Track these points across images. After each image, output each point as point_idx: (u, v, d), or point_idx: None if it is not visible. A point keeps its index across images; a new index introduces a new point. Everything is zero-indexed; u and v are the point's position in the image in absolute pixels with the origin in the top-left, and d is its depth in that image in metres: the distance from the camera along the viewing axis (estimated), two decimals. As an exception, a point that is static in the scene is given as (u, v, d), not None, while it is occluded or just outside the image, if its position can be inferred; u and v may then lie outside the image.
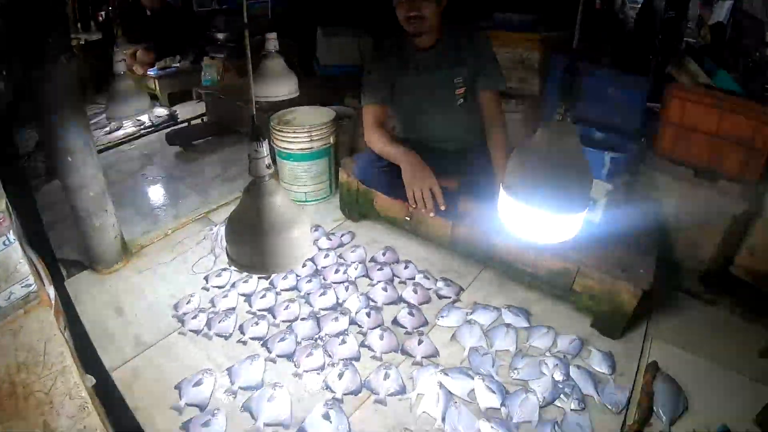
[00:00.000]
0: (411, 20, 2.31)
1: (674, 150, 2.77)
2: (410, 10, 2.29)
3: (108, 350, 2.19)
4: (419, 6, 2.28)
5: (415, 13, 2.29)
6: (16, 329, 1.68)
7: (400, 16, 2.33)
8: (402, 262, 2.73)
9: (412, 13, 2.29)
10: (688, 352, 2.24)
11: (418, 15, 2.29)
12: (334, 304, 2.43)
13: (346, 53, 4.31)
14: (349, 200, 3.08)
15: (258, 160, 1.12)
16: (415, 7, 2.28)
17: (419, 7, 2.28)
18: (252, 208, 1.16)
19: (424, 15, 2.30)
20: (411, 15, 2.30)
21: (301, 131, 3.07)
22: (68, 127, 2.30)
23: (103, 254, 2.64)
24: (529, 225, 1.22)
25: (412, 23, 2.33)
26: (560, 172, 1.14)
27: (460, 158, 2.60)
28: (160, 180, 3.87)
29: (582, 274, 2.29)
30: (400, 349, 2.20)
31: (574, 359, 2.17)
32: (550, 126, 1.15)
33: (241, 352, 2.18)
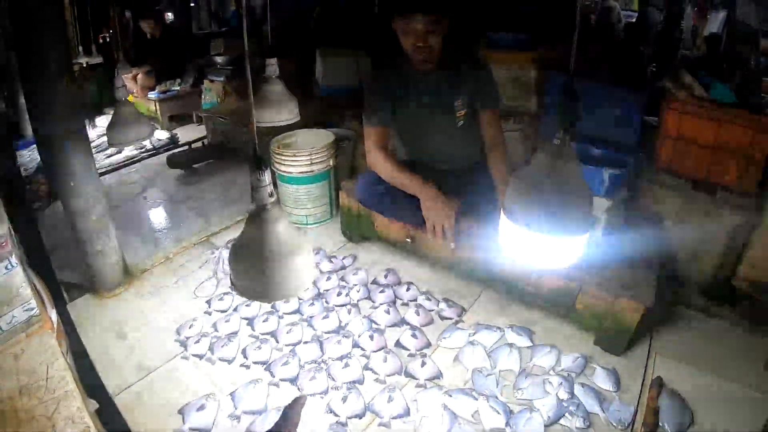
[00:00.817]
0: (419, 50, 2.33)
1: (672, 163, 2.77)
2: (418, 41, 2.30)
3: (110, 375, 2.19)
4: (427, 38, 2.30)
5: (423, 44, 2.31)
6: (18, 353, 1.67)
7: (407, 45, 2.35)
8: (404, 283, 2.73)
9: (420, 43, 2.31)
10: (692, 367, 2.23)
11: (426, 46, 2.31)
12: (337, 327, 2.42)
13: (345, 74, 4.32)
14: (350, 222, 3.08)
15: (261, 189, 1.13)
16: (423, 40, 2.30)
17: (427, 39, 2.30)
18: (255, 237, 1.16)
19: (432, 45, 2.32)
20: (419, 46, 2.31)
21: (301, 155, 3.09)
22: (70, 150, 2.31)
23: (105, 278, 2.64)
24: (530, 250, 1.22)
25: (421, 53, 2.35)
26: (560, 196, 1.14)
27: (461, 178, 2.61)
28: (162, 203, 3.88)
29: (584, 293, 2.29)
30: (404, 371, 2.19)
31: (579, 377, 2.16)
32: (549, 149, 1.15)
33: (245, 377, 2.17)
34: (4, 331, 1.68)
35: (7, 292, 1.66)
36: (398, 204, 2.54)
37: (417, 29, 2.28)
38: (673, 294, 2.61)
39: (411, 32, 2.30)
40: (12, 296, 1.68)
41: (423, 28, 2.27)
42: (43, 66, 2.14)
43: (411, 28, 2.29)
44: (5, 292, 1.66)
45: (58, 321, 1.98)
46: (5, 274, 1.64)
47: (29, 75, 2.18)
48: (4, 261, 1.63)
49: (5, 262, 1.63)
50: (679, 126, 2.70)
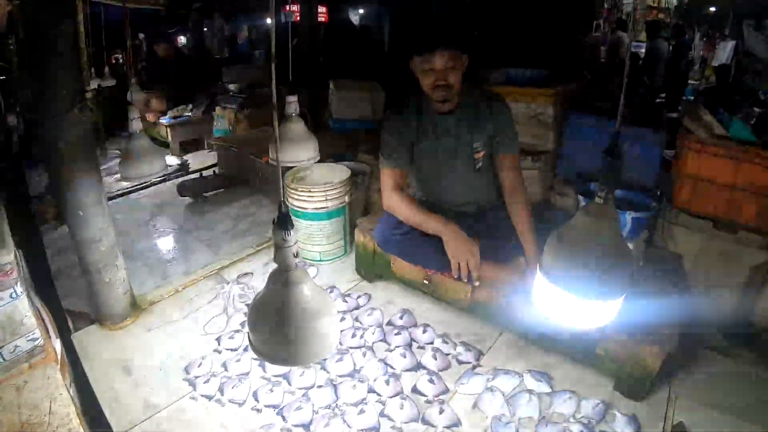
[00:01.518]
0: (439, 89, 2.31)
1: (692, 202, 2.75)
2: (438, 80, 2.29)
3: (115, 412, 2.13)
4: (446, 76, 2.28)
5: (443, 82, 2.29)
6: (21, 385, 1.64)
7: (426, 84, 2.33)
8: (420, 325, 2.67)
9: (440, 83, 2.29)
10: (714, 410, 2.18)
11: (446, 84, 2.29)
12: (352, 371, 2.37)
13: (359, 107, 4.31)
14: (365, 260, 3.04)
15: (285, 249, 1.09)
16: (442, 77, 2.28)
17: (446, 77, 2.28)
18: (278, 299, 1.13)
19: (451, 83, 2.30)
20: (439, 84, 2.29)
21: (316, 190, 3.05)
22: (80, 180, 2.29)
23: (112, 309, 2.61)
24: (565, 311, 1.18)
25: (440, 92, 2.32)
26: (602, 260, 1.11)
27: (478, 221, 2.57)
28: (171, 232, 3.86)
29: (604, 338, 2.24)
30: (421, 418, 2.13)
31: (599, 424, 2.10)
32: (590, 208, 1.12)
33: (256, 421, 2.11)
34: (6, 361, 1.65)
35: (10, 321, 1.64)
36: (420, 248, 2.49)
37: (436, 67, 2.26)
38: (693, 335, 2.54)
39: (430, 70, 2.29)
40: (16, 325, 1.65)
41: (442, 66, 2.25)
42: (56, 96, 2.14)
43: (430, 66, 2.27)
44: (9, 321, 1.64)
45: (62, 352, 1.95)
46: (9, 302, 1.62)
47: (41, 104, 2.17)
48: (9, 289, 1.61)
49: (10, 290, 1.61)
50: (698, 165, 2.68)
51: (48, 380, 1.67)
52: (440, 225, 2.38)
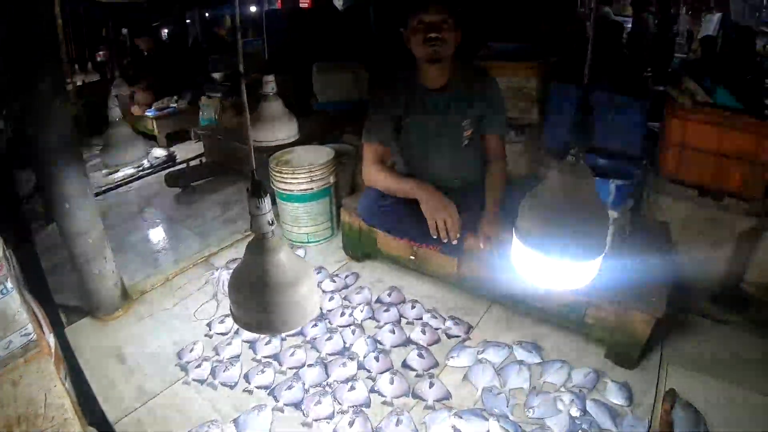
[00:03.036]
0: (430, 42, 2.27)
1: (677, 171, 2.75)
2: (430, 32, 2.25)
3: (110, 401, 2.14)
4: (439, 29, 2.25)
5: (435, 34, 2.25)
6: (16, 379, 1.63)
7: (417, 41, 2.30)
8: (408, 301, 2.68)
9: (432, 34, 2.25)
10: (705, 376, 2.19)
11: (438, 37, 2.26)
12: (342, 349, 2.37)
13: (343, 89, 4.30)
14: (352, 240, 3.04)
15: (260, 217, 1.09)
16: (435, 28, 2.25)
17: (440, 29, 2.25)
18: (256, 266, 1.12)
19: (444, 38, 2.27)
20: (431, 36, 2.26)
21: (301, 172, 3.04)
22: (64, 172, 2.28)
23: (103, 301, 2.60)
24: (543, 272, 1.18)
25: (432, 46, 2.28)
26: (577, 219, 1.10)
27: (464, 195, 2.54)
28: (160, 223, 3.85)
29: (593, 306, 2.24)
30: (411, 393, 2.14)
31: (591, 393, 2.12)
32: (562, 167, 1.11)
33: (248, 402, 2.12)
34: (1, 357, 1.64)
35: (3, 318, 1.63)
36: (404, 221, 2.47)
37: (429, 19, 2.24)
38: (682, 302, 2.56)
39: (422, 26, 2.26)
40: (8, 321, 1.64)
41: (436, 20, 2.23)
42: (36, 87, 2.12)
43: (423, 20, 2.25)
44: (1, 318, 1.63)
45: (56, 346, 1.95)
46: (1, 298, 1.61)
47: (22, 96, 2.15)
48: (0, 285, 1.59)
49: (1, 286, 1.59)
50: (683, 133, 2.68)
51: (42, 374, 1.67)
52: (415, 186, 2.38)
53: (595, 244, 1.13)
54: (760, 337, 2.42)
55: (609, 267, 2.12)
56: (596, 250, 1.13)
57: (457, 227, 2.28)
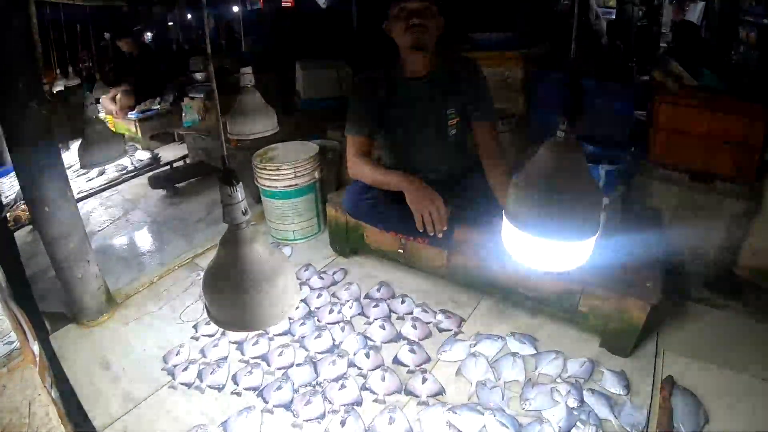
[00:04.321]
0: (414, 30, 2.24)
1: (667, 155, 2.74)
2: (413, 19, 2.22)
3: (96, 408, 2.10)
4: (422, 16, 2.22)
5: (418, 21, 2.22)
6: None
7: (400, 28, 2.27)
8: (398, 296, 2.64)
9: (415, 21, 2.22)
10: (702, 362, 2.18)
11: (420, 23, 2.22)
12: (331, 347, 2.33)
13: (326, 85, 4.28)
14: (339, 235, 3.00)
15: (233, 206, 1.04)
16: (417, 17, 2.22)
17: (422, 17, 2.22)
18: (230, 260, 1.07)
19: (427, 26, 2.24)
20: (414, 23, 2.22)
21: (285, 168, 3.00)
22: (43, 175, 2.24)
23: (87, 306, 2.55)
24: (536, 254, 1.13)
25: (415, 33, 2.24)
26: (568, 196, 1.06)
27: (449, 185, 2.51)
28: (144, 225, 3.81)
29: (587, 294, 2.21)
30: (404, 389, 2.10)
31: (587, 383, 2.09)
32: (551, 144, 1.06)
33: (236, 404, 2.07)
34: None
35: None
36: (388, 213, 2.44)
37: (412, 6, 2.21)
38: (676, 288, 2.55)
39: (405, 13, 2.23)
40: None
41: (419, 6, 2.21)
42: (12, 90, 2.09)
43: (406, 8, 2.22)
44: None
45: (40, 353, 1.92)
46: None
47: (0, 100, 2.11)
48: None
49: None
50: (672, 118, 2.66)
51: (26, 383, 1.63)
52: (401, 179, 2.33)
53: (587, 223, 1.09)
54: (755, 322, 2.41)
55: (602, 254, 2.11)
56: (589, 230, 1.09)
57: (444, 220, 2.23)
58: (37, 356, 1.83)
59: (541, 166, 1.07)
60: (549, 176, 1.05)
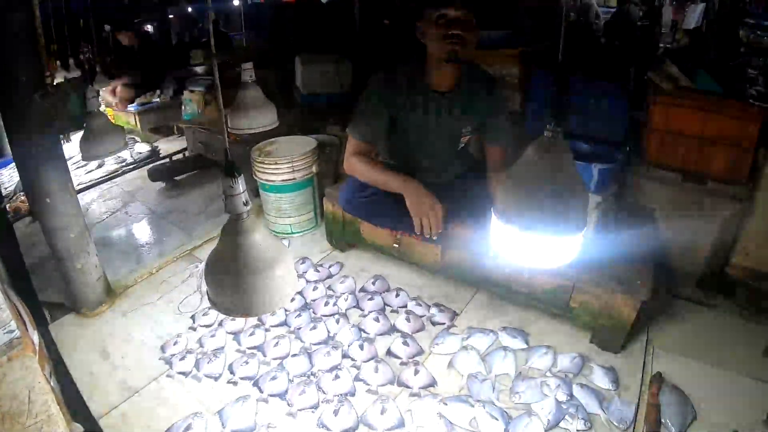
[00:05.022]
0: (451, 39, 2.09)
1: (661, 156, 2.75)
2: (453, 29, 2.08)
3: (95, 396, 2.13)
4: (463, 27, 2.09)
5: (459, 32, 2.08)
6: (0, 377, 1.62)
7: (436, 36, 2.12)
8: (393, 290, 2.67)
9: (455, 31, 2.07)
10: (691, 359, 2.21)
11: (461, 35, 2.08)
12: (326, 338, 2.36)
13: (326, 80, 4.25)
14: (336, 230, 3.02)
15: (234, 197, 1.07)
16: (458, 27, 2.08)
17: (462, 28, 2.08)
18: (231, 249, 1.11)
19: (465, 39, 2.10)
20: (454, 33, 2.08)
21: (282, 162, 3.02)
22: (44, 167, 2.25)
23: (86, 296, 2.58)
24: (525, 251, 1.16)
25: (452, 44, 2.10)
26: (554, 193, 1.09)
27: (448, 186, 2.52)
28: (143, 217, 3.82)
29: (578, 290, 2.24)
30: (396, 380, 2.13)
31: (576, 378, 2.12)
32: (539, 143, 1.09)
33: (232, 393, 2.10)
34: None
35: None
36: (384, 210, 2.44)
37: (454, 16, 2.09)
38: (668, 287, 2.58)
39: (444, 21, 2.10)
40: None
41: (461, 16, 2.08)
42: (14, 82, 2.10)
43: (446, 17, 2.09)
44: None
45: (40, 343, 1.93)
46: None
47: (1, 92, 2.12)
48: None
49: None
50: (666, 118, 2.68)
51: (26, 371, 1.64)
52: (401, 182, 2.30)
53: (575, 220, 1.12)
54: (744, 321, 2.45)
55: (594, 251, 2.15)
56: (577, 226, 1.12)
57: (441, 225, 2.24)
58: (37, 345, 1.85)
59: (529, 164, 1.10)
60: (536, 174, 1.08)
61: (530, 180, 1.10)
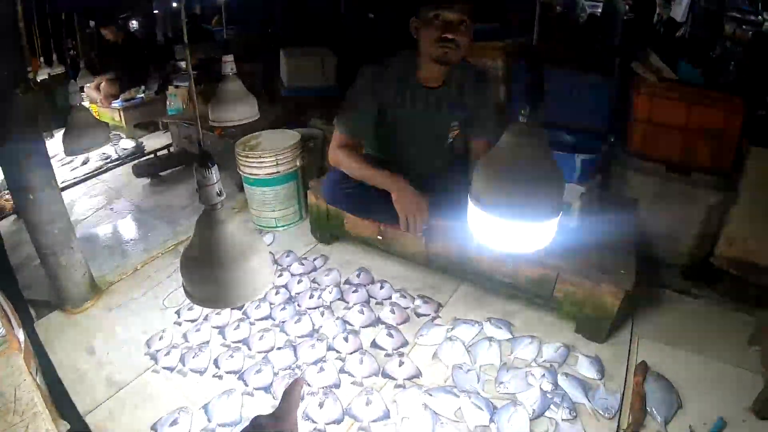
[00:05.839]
0: (444, 43, 2.11)
1: (645, 146, 2.77)
2: (447, 32, 2.09)
3: (81, 393, 2.12)
4: (457, 31, 2.10)
5: (452, 35, 2.09)
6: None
7: (429, 36, 2.14)
8: (377, 282, 2.67)
9: (449, 35, 2.09)
10: (676, 348, 2.23)
11: (453, 39, 2.10)
12: (311, 331, 2.36)
13: (311, 75, 4.24)
14: (320, 222, 3.02)
15: (207, 188, 1.06)
16: (452, 30, 2.09)
17: (457, 31, 2.10)
18: (206, 240, 1.10)
19: (459, 42, 2.12)
20: (447, 37, 2.10)
21: (266, 155, 3.01)
22: (27, 163, 2.24)
23: (71, 293, 2.57)
24: (501, 235, 1.16)
25: (445, 47, 2.12)
26: (528, 177, 1.09)
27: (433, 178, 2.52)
28: (128, 213, 3.79)
29: (562, 280, 2.25)
30: (381, 372, 2.13)
31: (561, 367, 2.13)
32: (513, 129, 1.09)
33: (217, 388, 2.10)
34: None
35: None
36: (367, 202, 2.43)
37: (449, 18, 2.08)
38: (652, 276, 2.60)
39: (439, 22, 2.09)
40: None
41: (457, 19, 2.08)
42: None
43: (441, 18, 2.09)
44: None
45: (25, 340, 1.93)
46: None
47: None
48: None
49: None
50: (650, 109, 2.70)
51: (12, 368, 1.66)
52: (388, 180, 2.30)
53: (549, 205, 1.12)
54: (729, 310, 2.48)
55: (577, 241, 2.16)
56: (551, 211, 1.12)
57: (426, 221, 2.25)
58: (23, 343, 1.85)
59: (504, 150, 1.11)
60: (510, 159, 1.08)
61: (505, 165, 1.11)
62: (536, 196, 1.09)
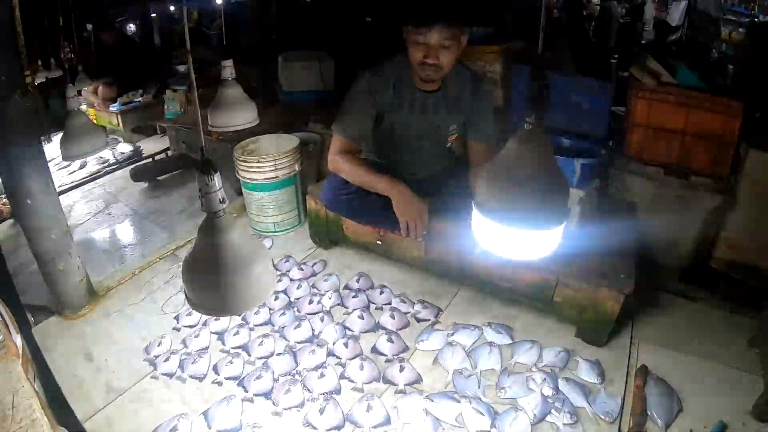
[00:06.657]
0: (426, 67, 2.18)
1: (643, 151, 2.77)
2: (428, 57, 2.14)
3: (79, 399, 2.10)
4: (439, 55, 2.14)
5: (434, 62, 2.15)
6: None
7: (415, 57, 2.19)
8: (377, 287, 2.66)
9: (430, 61, 2.15)
10: (676, 352, 2.23)
11: (436, 64, 2.16)
12: (310, 337, 2.35)
13: (309, 79, 4.25)
14: (319, 227, 3.01)
15: (210, 195, 1.06)
16: (434, 55, 2.14)
17: (438, 56, 2.14)
18: (208, 247, 1.10)
19: (442, 65, 2.17)
20: (428, 63, 2.16)
21: (265, 160, 2.99)
22: (25, 167, 2.22)
23: (69, 298, 2.55)
24: (505, 243, 1.16)
25: (427, 71, 2.19)
26: (534, 186, 1.08)
27: (432, 182, 2.54)
28: (126, 218, 3.78)
29: (562, 285, 2.25)
30: (382, 378, 2.13)
31: (562, 372, 2.13)
32: (518, 136, 1.09)
33: (217, 394, 2.09)
34: None
35: None
36: (367, 207, 2.44)
37: (430, 42, 2.11)
38: (652, 280, 2.58)
39: (422, 46, 2.13)
40: None
41: (437, 43, 2.11)
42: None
43: (423, 40, 2.11)
44: None
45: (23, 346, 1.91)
46: None
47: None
48: None
49: None
50: (648, 113, 2.70)
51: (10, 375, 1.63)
52: (388, 185, 2.32)
53: (554, 213, 1.12)
54: (728, 313, 2.47)
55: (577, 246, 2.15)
56: (556, 219, 1.12)
57: (426, 226, 2.27)
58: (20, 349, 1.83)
59: (509, 157, 1.10)
60: (515, 167, 1.08)
61: (509, 172, 1.10)
62: (542, 204, 1.09)
